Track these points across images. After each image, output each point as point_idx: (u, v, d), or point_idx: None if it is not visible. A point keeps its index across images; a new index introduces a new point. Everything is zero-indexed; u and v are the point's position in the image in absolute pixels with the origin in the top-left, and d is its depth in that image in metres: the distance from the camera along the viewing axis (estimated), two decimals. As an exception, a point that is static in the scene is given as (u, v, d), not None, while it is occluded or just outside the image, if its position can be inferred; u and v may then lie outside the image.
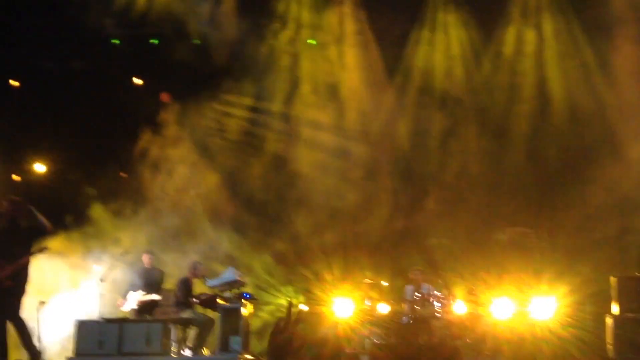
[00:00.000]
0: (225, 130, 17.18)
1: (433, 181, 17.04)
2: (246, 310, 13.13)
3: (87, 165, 16.41)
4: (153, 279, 13.98)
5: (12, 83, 16.98)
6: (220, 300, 13.28)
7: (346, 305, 14.56)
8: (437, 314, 13.83)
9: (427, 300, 14.00)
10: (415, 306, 14.04)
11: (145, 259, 14.09)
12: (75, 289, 14.24)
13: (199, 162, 16.41)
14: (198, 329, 13.21)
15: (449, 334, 13.74)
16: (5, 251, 11.48)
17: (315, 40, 17.58)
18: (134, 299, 13.70)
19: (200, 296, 13.40)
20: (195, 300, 13.37)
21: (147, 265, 14.08)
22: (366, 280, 14.92)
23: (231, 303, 13.14)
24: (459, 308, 13.98)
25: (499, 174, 16.72)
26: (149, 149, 16.32)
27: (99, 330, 12.76)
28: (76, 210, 15.33)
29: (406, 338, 13.88)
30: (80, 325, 12.86)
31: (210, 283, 13.52)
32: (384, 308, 14.57)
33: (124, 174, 16.23)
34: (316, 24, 17.61)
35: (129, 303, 13.74)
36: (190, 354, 12.98)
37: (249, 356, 12.94)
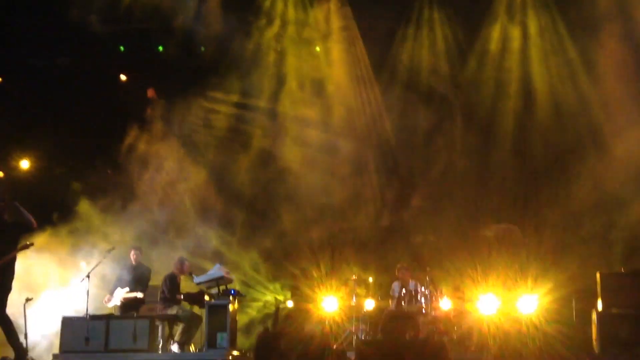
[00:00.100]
0: (212, 127, 17.15)
1: (419, 177, 17.07)
2: (233, 306, 13.12)
3: (74, 161, 16.37)
4: (139, 276, 13.94)
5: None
6: (206, 297, 13.27)
7: (333, 301, 14.58)
8: (424, 310, 13.88)
9: (414, 296, 14.04)
10: (402, 302, 14.09)
11: (132, 255, 14.06)
12: (62, 285, 14.18)
13: (186, 159, 16.37)
14: (185, 325, 13.20)
15: (435, 329, 13.78)
16: (-10, 247, 11.45)
17: (318, 48, 17.56)
18: (119, 296, 13.67)
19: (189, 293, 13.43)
20: (182, 297, 13.36)
21: (134, 262, 14.04)
22: (353, 277, 14.94)
23: (218, 299, 13.13)
24: (445, 304, 14.03)
25: (485, 170, 16.78)
26: (136, 145, 16.27)
27: (86, 327, 12.75)
28: (62, 206, 15.27)
29: (392, 334, 13.89)
30: (67, 321, 12.84)
31: (197, 279, 13.50)
32: (370, 304, 14.61)
33: (110, 171, 16.14)
34: (302, 21, 17.59)
35: (114, 299, 13.71)
36: (177, 350, 12.97)
37: (235, 352, 12.94)
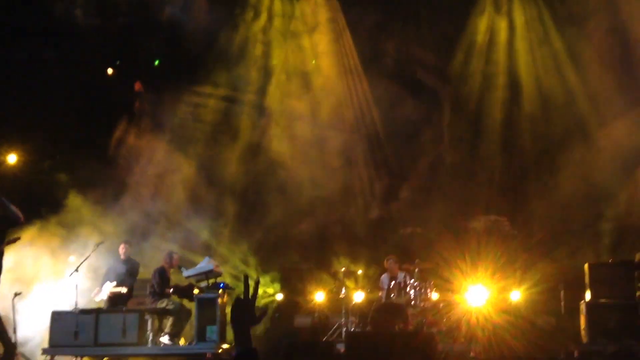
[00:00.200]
0: (200, 120, 17.11)
1: (408, 170, 17.10)
2: (222, 299, 13.11)
3: (62, 155, 16.28)
4: (127, 270, 13.90)
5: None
6: (196, 290, 13.26)
7: (322, 294, 14.59)
8: (412, 302, 13.90)
9: (403, 288, 14.07)
10: (391, 294, 14.12)
11: (122, 249, 14.01)
12: (53, 279, 14.14)
13: (174, 152, 16.33)
14: (174, 318, 13.17)
15: (424, 321, 13.80)
16: (-23, 242, 11.39)
17: (314, 60, 17.55)
18: (107, 290, 13.65)
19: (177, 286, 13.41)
20: (171, 291, 13.34)
21: (123, 256, 14.00)
22: (342, 269, 14.95)
23: (207, 293, 13.12)
24: (433, 296, 14.05)
25: (473, 162, 16.83)
26: (124, 138, 16.23)
27: (75, 321, 12.73)
28: (50, 200, 15.21)
29: (381, 326, 13.92)
30: (56, 316, 12.80)
31: (186, 273, 13.48)
32: (359, 296, 14.62)
33: (99, 164, 16.09)
34: (289, 13, 17.57)
35: (102, 293, 13.69)
36: (167, 342, 12.95)
37: (225, 345, 12.93)
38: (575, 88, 16.37)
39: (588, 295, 13.00)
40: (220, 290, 13.13)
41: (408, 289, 14.00)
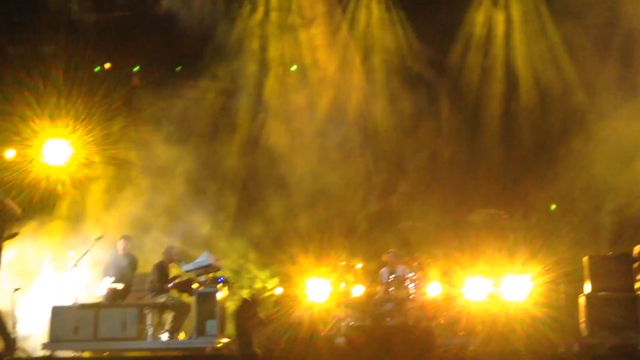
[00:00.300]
0: (198, 114, 17.07)
1: (407, 163, 17.09)
2: (222, 294, 13.11)
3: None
4: (126, 265, 13.90)
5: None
6: (195, 285, 13.25)
7: (321, 287, 14.59)
8: (412, 296, 13.92)
9: (402, 282, 14.08)
10: (390, 288, 14.12)
11: (120, 244, 14.01)
12: (53, 274, 14.13)
13: (173, 145, 16.29)
14: (174, 313, 13.17)
15: (423, 315, 13.83)
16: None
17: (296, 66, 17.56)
18: (105, 286, 13.64)
19: (175, 278, 13.39)
20: (170, 285, 13.34)
21: (121, 251, 14.00)
22: (341, 263, 14.94)
23: (206, 287, 13.11)
24: (433, 289, 14.07)
25: (472, 155, 16.84)
26: (122, 131, 16.23)
27: (75, 316, 12.73)
28: (49, 195, 15.20)
29: (381, 320, 13.95)
30: (56, 311, 12.80)
31: (186, 267, 13.47)
32: (358, 290, 14.62)
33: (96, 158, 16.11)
34: (286, 7, 17.54)
35: (100, 289, 13.69)
36: (167, 339, 12.95)
37: (225, 340, 12.94)
38: (573, 80, 16.38)
39: (587, 288, 13.02)
40: (219, 285, 13.14)
41: (407, 282, 14.02)
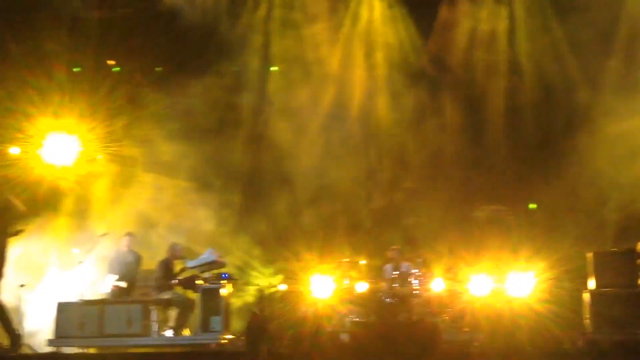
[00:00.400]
0: (203, 110, 17.05)
1: (411, 159, 17.08)
2: (226, 290, 13.13)
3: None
4: (129, 262, 13.95)
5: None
6: (199, 281, 13.28)
7: (325, 284, 14.59)
8: (416, 292, 13.93)
9: (406, 278, 14.08)
10: (394, 284, 14.13)
11: (124, 241, 14.04)
12: (59, 270, 14.16)
13: (178, 142, 16.30)
14: (178, 310, 13.21)
15: (427, 311, 13.85)
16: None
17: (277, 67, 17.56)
18: (109, 283, 13.67)
19: (179, 274, 13.42)
20: (175, 282, 13.37)
21: (125, 248, 14.03)
22: (345, 260, 14.95)
23: (211, 283, 13.13)
24: (437, 285, 14.06)
25: (477, 151, 16.83)
26: (126, 128, 16.25)
27: (80, 313, 12.76)
28: (54, 192, 15.22)
29: (385, 316, 13.96)
30: (61, 307, 12.84)
31: (190, 264, 13.51)
32: (362, 286, 14.63)
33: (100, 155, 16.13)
34: (290, 3, 17.54)
35: (105, 286, 13.72)
36: (171, 335, 12.99)
37: (229, 336, 12.97)
38: (578, 76, 16.35)
39: (592, 284, 13.00)
40: (224, 281, 13.16)
41: (411, 278, 14.02)
